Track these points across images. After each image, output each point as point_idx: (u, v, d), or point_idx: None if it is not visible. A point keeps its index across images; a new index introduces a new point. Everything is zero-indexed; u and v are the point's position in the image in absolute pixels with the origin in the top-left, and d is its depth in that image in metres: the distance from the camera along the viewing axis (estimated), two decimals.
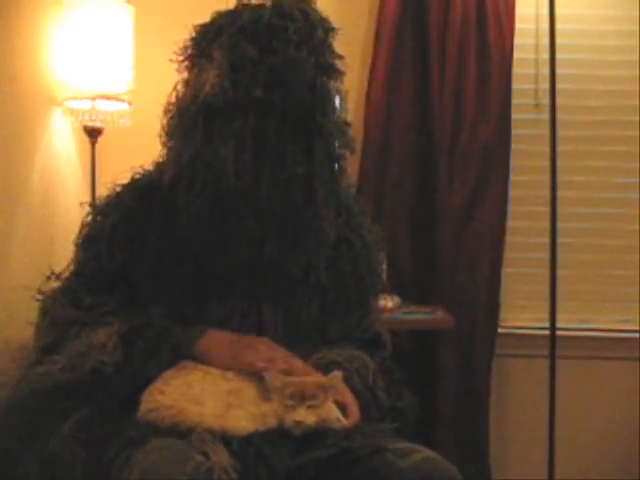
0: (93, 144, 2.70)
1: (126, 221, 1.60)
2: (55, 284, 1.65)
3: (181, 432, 1.39)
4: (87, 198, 2.59)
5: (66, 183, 2.70)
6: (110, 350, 1.49)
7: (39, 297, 1.64)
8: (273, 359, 1.50)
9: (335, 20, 1.61)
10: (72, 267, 1.65)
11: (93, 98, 2.61)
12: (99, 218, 1.64)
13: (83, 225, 1.66)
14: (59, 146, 2.66)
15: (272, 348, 1.53)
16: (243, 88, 1.49)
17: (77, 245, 1.65)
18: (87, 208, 1.69)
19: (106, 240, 1.60)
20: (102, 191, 1.72)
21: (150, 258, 1.57)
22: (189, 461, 1.31)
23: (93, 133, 2.68)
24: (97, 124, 2.67)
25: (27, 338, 1.65)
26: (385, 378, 1.65)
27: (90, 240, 1.63)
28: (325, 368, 1.54)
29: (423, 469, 1.41)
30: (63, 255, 1.72)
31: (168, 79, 1.61)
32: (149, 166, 1.67)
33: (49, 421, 1.47)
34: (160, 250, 1.58)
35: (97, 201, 1.70)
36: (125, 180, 1.67)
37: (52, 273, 1.66)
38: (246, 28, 1.52)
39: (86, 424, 1.46)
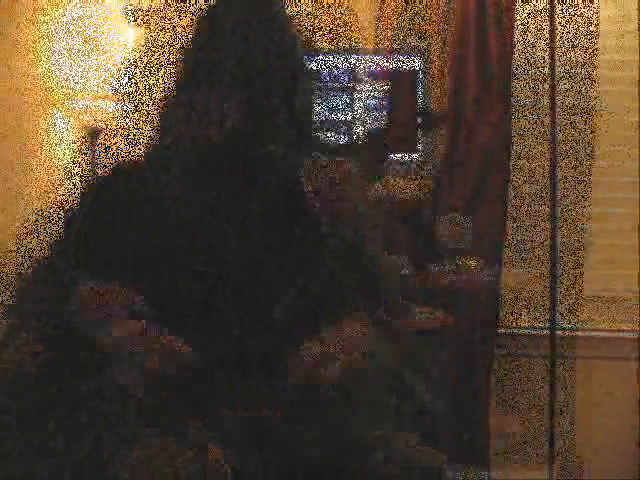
0: (93, 144, 2.70)
1: (99, 208, 1.55)
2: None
3: (178, 428, 1.39)
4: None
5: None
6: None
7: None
8: None
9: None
10: (48, 251, 1.57)
11: (93, 98, 2.61)
12: (78, 208, 1.58)
13: (65, 213, 1.59)
14: (59, 146, 2.66)
15: None
16: None
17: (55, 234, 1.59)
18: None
19: (79, 236, 1.53)
20: None
21: (119, 254, 1.49)
22: (179, 455, 1.31)
23: (93, 133, 2.68)
24: (97, 124, 2.67)
25: None
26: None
27: (65, 231, 1.56)
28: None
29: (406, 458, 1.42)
30: None
31: (168, 79, 1.61)
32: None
33: None
34: (131, 245, 1.49)
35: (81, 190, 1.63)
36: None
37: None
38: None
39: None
